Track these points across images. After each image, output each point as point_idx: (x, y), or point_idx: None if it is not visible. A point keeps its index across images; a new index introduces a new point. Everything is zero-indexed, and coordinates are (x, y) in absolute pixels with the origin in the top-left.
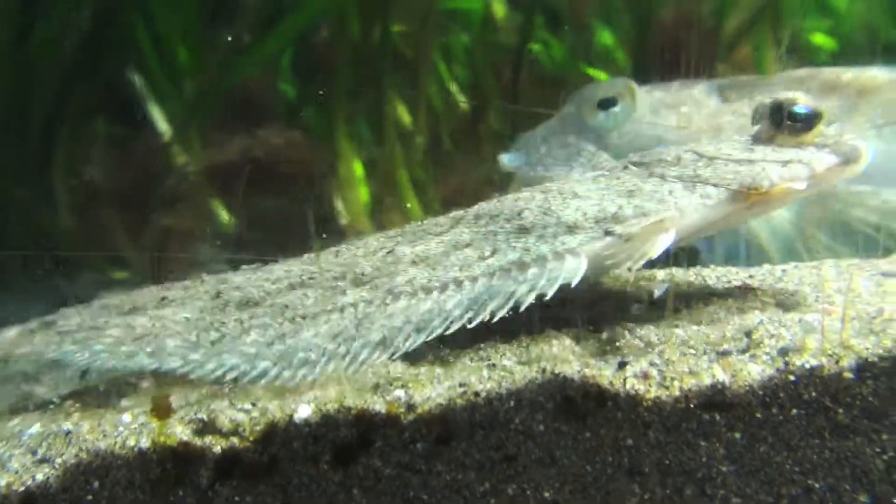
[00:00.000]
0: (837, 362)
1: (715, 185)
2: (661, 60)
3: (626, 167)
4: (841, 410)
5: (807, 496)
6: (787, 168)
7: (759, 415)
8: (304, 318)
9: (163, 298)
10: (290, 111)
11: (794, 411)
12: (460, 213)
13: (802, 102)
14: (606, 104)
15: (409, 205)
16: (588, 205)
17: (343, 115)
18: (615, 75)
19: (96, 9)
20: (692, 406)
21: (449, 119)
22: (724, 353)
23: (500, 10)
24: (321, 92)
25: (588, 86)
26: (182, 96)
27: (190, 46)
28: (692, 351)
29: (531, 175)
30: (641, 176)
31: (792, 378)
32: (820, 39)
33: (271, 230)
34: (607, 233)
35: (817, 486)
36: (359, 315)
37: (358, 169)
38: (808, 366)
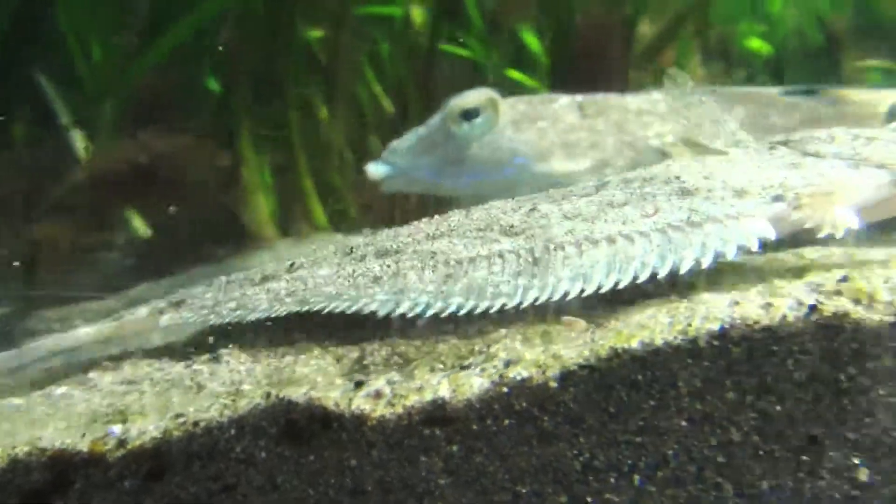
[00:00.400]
0: (545, 372)
1: (880, 166)
2: (577, 65)
3: (772, 147)
4: (546, 418)
5: (514, 502)
6: None
7: (475, 427)
8: (459, 262)
9: (291, 265)
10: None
11: (507, 422)
12: (597, 181)
13: None
14: (469, 115)
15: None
16: (752, 172)
17: (247, 120)
18: (541, 79)
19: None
20: (414, 423)
21: (373, 124)
22: (464, 367)
23: (418, 15)
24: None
25: (456, 96)
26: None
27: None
28: (440, 366)
29: (399, 185)
30: (795, 153)
31: (505, 390)
32: (756, 44)
33: (171, 238)
34: (776, 198)
35: (524, 491)
36: (528, 259)
37: (264, 176)
38: (519, 377)
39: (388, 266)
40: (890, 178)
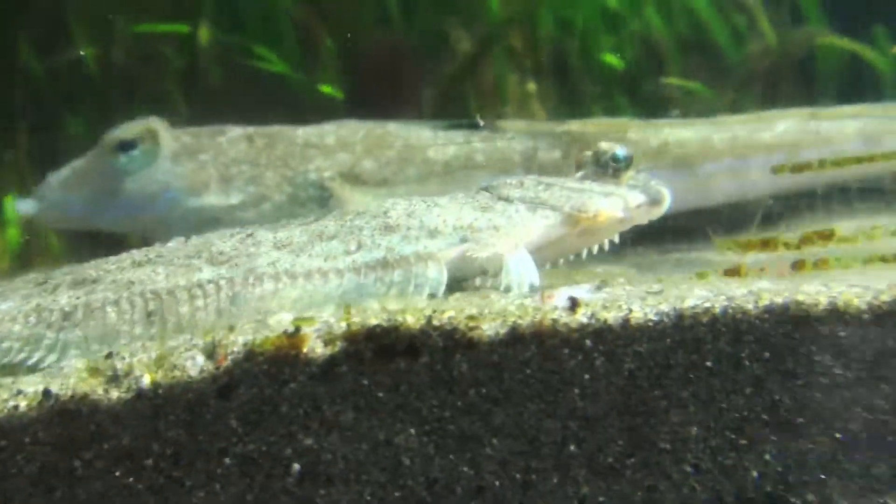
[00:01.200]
0: None
1: (551, 207)
2: (366, 87)
3: (478, 191)
4: None
5: None
6: (609, 199)
7: None
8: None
9: None
10: None
11: None
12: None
13: (620, 149)
14: (127, 146)
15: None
16: (448, 214)
17: None
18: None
19: None
20: None
21: None
22: None
23: (204, 34)
24: None
25: (119, 126)
26: None
27: None
28: None
29: (53, 220)
30: (492, 198)
31: None
32: (610, 59)
33: None
34: (463, 239)
35: None
36: (223, 294)
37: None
38: None
39: (78, 298)
40: (559, 219)
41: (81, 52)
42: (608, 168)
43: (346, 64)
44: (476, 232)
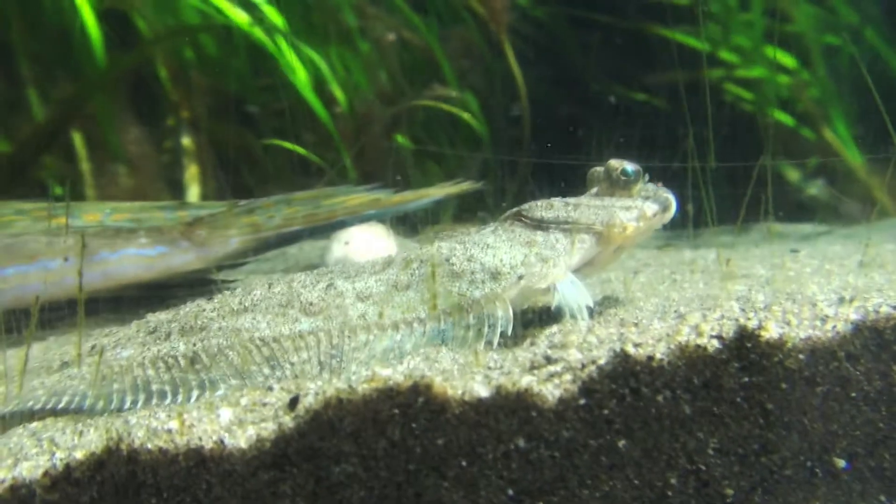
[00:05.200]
0: None
1: (585, 229)
2: None
3: (509, 220)
4: None
5: None
6: (630, 212)
7: None
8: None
9: (93, 347)
10: None
11: None
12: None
13: (629, 164)
14: None
15: None
16: (502, 254)
17: None
18: None
19: None
20: None
21: None
22: None
23: None
24: None
25: None
26: None
27: None
28: None
29: None
30: (522, 230)
31: None
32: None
33: None
34: (520, 277)
35: None
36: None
37: None
38: None
39: (195, 344)
40: (594, 240)
41: None
42: (619, 182)
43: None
44: (530, 267)
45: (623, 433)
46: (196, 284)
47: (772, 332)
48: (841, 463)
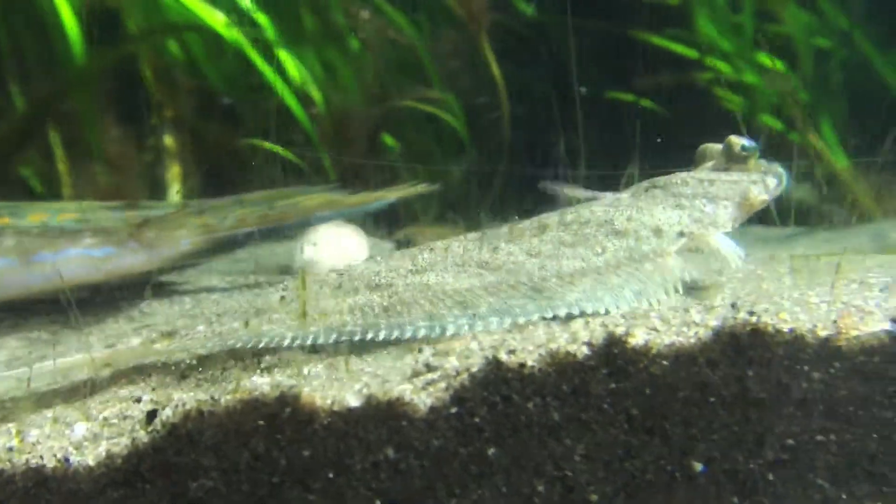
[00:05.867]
0: None
1: (726, 199)
2: None
3: (647, 189)
4: None
5: None
6: (758, 185)
7: None
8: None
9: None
10: None
11: None
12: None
13: (747, 140)
14: None
15: None
16: (660, 215)
17: None
18: None
19: None
20: None
21: None
22: None
23: None
24: None
25: None
26: None
27: None
28: None
29: None
30: (666, 196)
31: None
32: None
33: None
34: (680, 234)
35: None
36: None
37: None
38: None
39: (391, 297)
40: (734, 207)
41: None
42: (739, 158)
43: None
44: (687, 227)
45: (493, 441)
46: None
47: (638, 338)
48: (698, 466)
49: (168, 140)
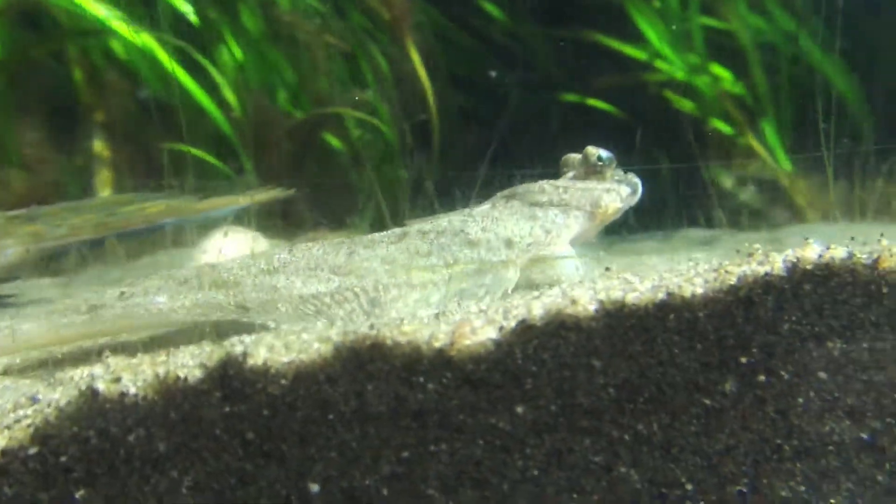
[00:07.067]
0: None
1: (577, 208)
2: None
3: (507, 199)
4: None
5: None
6: (611, 194)
7: None
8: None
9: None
10: None
11: None
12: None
13: (603, 151)
14: None
15: None
16: (512, 226)
17: None
18: None
19: None
20: None
21: None
22: None
23: None
24: None
25: None
26: None
27: None
28: None
29: None
30: (523, 206)
31: None
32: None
33: None
34: (529, 245)
35: None
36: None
37: None
38: None
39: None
40: (585, 217)
41: None
42: (595, 167)
43: None
44: (537, 238)
45: (83, 481)
46: None
47: (258, 358)
48: (314, 487)
49: (98, 145)
